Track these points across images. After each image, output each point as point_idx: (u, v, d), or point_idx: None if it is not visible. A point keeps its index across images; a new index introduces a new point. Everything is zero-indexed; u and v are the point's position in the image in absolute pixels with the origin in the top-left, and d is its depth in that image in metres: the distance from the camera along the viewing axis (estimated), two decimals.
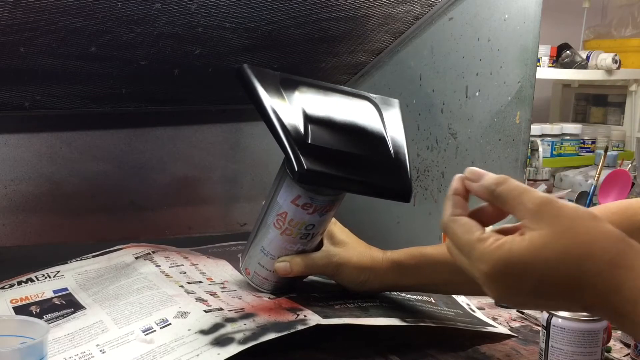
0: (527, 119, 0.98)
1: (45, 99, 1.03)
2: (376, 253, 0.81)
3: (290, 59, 1.09)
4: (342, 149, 0.74)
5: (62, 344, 0.67)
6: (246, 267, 0.82)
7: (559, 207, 0.49)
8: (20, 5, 0.77)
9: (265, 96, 0.73)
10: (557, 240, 0.47)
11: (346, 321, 0.72)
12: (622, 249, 0.47)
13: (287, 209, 0.75)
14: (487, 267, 0.49)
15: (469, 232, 0.51)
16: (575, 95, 3.12)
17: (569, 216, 0.48)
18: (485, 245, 0.49)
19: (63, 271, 0.85)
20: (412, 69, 1.12)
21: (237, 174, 1.32)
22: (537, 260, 0.47)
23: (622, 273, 0.47)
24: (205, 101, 1.21)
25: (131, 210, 1.22)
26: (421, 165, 1.12)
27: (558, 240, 0.47)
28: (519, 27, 0.97)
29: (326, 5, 0.95)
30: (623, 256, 0.47)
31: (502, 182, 0.51)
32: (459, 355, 0.77)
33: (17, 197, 1.13)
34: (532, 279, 0.48)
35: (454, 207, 0.54)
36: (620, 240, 0.48)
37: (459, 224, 0.52)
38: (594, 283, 0.47)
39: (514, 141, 0.99)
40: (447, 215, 0.54)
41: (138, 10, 0.84)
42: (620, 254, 0.47)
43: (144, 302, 0.73)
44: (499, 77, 1.00)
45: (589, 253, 0.47)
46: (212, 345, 0.65)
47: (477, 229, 0.51)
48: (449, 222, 0.53)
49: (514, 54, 0.98)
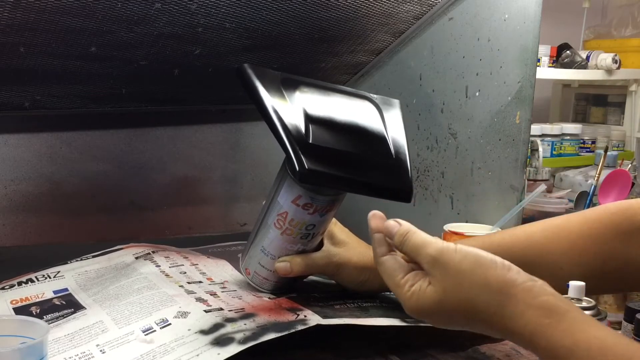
0: (527, 119, 0.98)
1: (45, 99, 1.03)
2: None
3: (290, 59, 1.09)
4: (343, 149, 0.74)
5: (62, 344, 0.67)
6: (246, 267, 0.82)
7: (444, 264, 0.57)
8: (20, 5, 0.77)
9: (266, 96, 0.73)
10: (449, 297, 0.57)
11: (346, 321, 0.72)
12: (501, 301, 0.55)
13: (288, 209, 0.75)
14: (407, 310, 0.60)
15: (390, 277, 0.61)
16: (575, 95, 3.12)
17: (454, 273, 0.57)
18: (402, 293, 0.59)
19: (63, 271, 0.85)
20: (412, 69, 1.12)
21: (237, 174, 1.32)
22: (440, 310, 0.58)
23: (507, 322, 0.55)
24: (205, 101, 1.21)
25: (131, 210, 1.22)
26: (421, 165, 1.12)
27: (450, 297, 0.57)
28: (519, 27, 0.97)
29: (326, 5, 0.95)
30: (503, 307, 0.55)
31: (402, 241, 0.61)
32: (459, 355, 0.77)
33: (17, 197, 1.13)
34: (442, 320, 0.59)
35: (378, 247, 0.63)
36: (498, 292, 0.55)
37: (384, 268, 0.62)
38: (490, 327, 0.56)
39: (514, 141, 0.99)
40: (375, 257, 0.63)
41: (138, 10, 0.84)
42: (501, 305, 0.55)
43: (144, 302, 0.73)
44: (499, 77, 1.00)
45: (475, 309, 0.56)
46: (212, 345, 0.65)
47: (398, 273, 0.60)
48: (377, 264, 0.63)
49: (514, 54, 0.98)
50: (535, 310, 0.54)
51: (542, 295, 0.54)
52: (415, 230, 0.61)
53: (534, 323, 0.53)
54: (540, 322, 0.53)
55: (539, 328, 0.53)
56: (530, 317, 0.54)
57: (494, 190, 1.02)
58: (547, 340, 0.53)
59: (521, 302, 0.54)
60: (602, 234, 0.72)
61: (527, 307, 0.54)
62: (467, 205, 1.06)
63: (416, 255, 0.59)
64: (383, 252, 0.62)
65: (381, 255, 0.62)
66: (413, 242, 0.60)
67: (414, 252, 0.60)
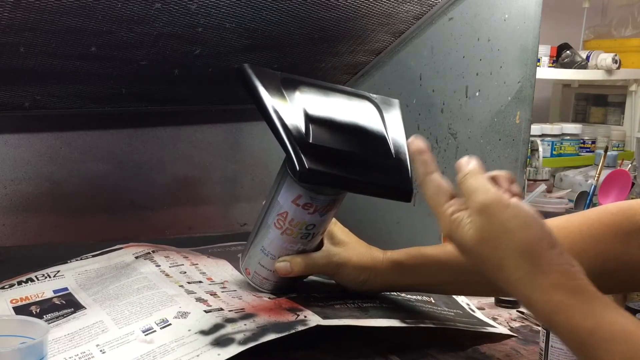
0: (527, 119, 0.98)
1: (45, 99, 1.03)
2: (376, 253, 0.81)
3: (290, 59, 1.09)
4: (343, 149, 0.74)
5: (62, 344, 0.67)
6: (246, 267, 0.82)
7: (490, 216, 0.57)
8: (20, 5, 0.77)
9: (267, 96, 0.73)
10: (483, 246, 0.57)
11: (346, 322, 0.72)
12: (531, 271, 0.55)
13: (288, 208, 0.75)
14: (442, 230, 0.60)
15: (434, 196, 0.61)
16: (575, 95, 3.12)
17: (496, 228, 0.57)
18: (442, 214, 0.60)
19: (63, 271, 0.85)
20: (412, 69, 1.12)
21: (237, 174, 1.32)
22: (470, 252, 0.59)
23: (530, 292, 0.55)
24: (205, 101, 1.21)
25: (131, 210, 1.22)
26: None
27: (483, 247, 0.57)
28: (519, 27, 0.97)
29: (326, 5, 0.95)
30: (531, 278, 0.55)
31: (462, 180, 0.60)
32: (459, 355, 0.77)
33: (17, 197, 1.13)
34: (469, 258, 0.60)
35: (422, 166, 0.62)
36: (531, 263, 0.55)
37: (429, 186, 0.61)
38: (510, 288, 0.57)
39: (514, 141, 0.99)
40: (419, 175, 0.62)
41: (138, 10, 0.84)
42: (529, 275, 0.55)
43: (144, 302, 0.73)
44: (499, 77, 1.00)
45: (503, 268, 0.56)
46: (212, 345, 0.65)
47: (443, 195, 0.60)
48: (421, 183, 0.62)
49: (514, 54, 0.98)
50: (563, 290, 0.54)
51: (574, 279, 0.54)
52: (477, 172, 0.60)
53: (557, 301, 0.54)
54: (565, 302, 0.53)
55: (561, 307, 0.53)
56: (555, 295, 0.54)
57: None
58: (568, 319, 0.53)
59: (551, 280, 0.54)
60: (602, 234, 0.72)
61: (555, 285, 0.54)
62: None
63: (468, 196, 0.59)
64: (428, 170, 0.62)
65: (426, 173, 0.62)
66: (469, 184, 0.59)
67: (467, 192, 0.59)
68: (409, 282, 0.80)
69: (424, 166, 0.62)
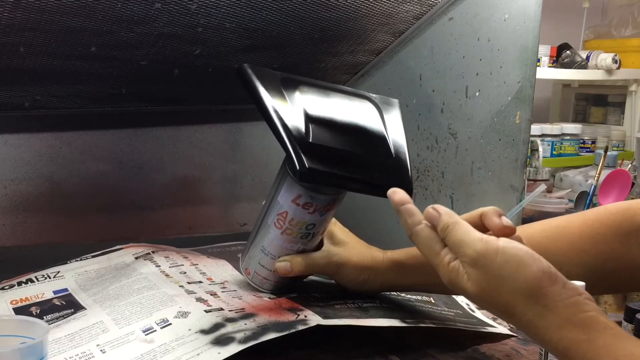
0: (527, 119, 0.98)
1: (45, 99, 1.03)
2: (376, 253, 0.81)
3: (290, 59, 1.09)
4: (343, 148, 0.74)
5: (62, 344, 0.67)
6: (246, 267, 0.82)
7: (484, 267, 0.56)
8: (20, 5, 0.77)
9: (267, 95, 0.73)
10: (487, 295, 0.57)
11: (346, 322, 0.72)
12: (539, 312, 0.55)
13: (288, 208, 0.75)
14: (444, 280, 0.59)
15: (427, 247, 0.60)
16: (575, 95, 3.11)
17: (494, 278, 0.56)
18: (440, 264, 0.59)
19: (63, 271, 0.85)
20: (412, 69, 1.12)
21: (237, 174, 1.32)
22: (476, 300, 0.59)
23: (542, 332, 0.55)
24: (205, 101, 1.21)
25: (131, 210, 1.22)
26: (421, 165, 1.12)
27: (487, 296, 0.57)
28: (519, 27, 0.97)
29: (326, 5, 0.95)
30: (540, 318, 0.55)
31: (445, 235, 0.59)
32: (459, 355, 0.77)
33: (17, 197, 1.13)
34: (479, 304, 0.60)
35: (409, 217, 0.62)
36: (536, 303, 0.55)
37: (419, 238, 0.61)
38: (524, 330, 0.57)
39: (514, 141, 0.99)
40: (407, 228, 0.61)
41: (138, 10, 0.84)
42: (538, 316, 0.55)
43: (144, 302, 0.73)
44: (499, 77, 1.00)
45: (511, 312, 0.56)
46: (212, 344, 0.65)
47: (435, 244, 0.60)
48: (410, 235, 0.62)
49: (514, 54, 0.98)
50: (573, 326, 0.53)
51: (583, 312, 0.54)
52: (455, 223, 0.59)
53: (569, 338, 0.53)
54: (577, 338, 0.53)
55: (574, 344, 0.53)
56: (567, 333, 0.53)
57: (494, 190, 1.02)
58: (582, 356, 0.53)
59: (560, 317, 0.54)
60: (602, 234, 0.72)
61: (565, 322, 0.54)
62: (467, 205, 1.06)
63: (456, 252, 0.58)
64: (415, 221, 0.61)
65: (414, 225, 0.61)
66: (454, 238, 0.58)
67: (454, 248, 0.58)
68: (409, 282, 0.80)
69: (410, 217, 0.61)
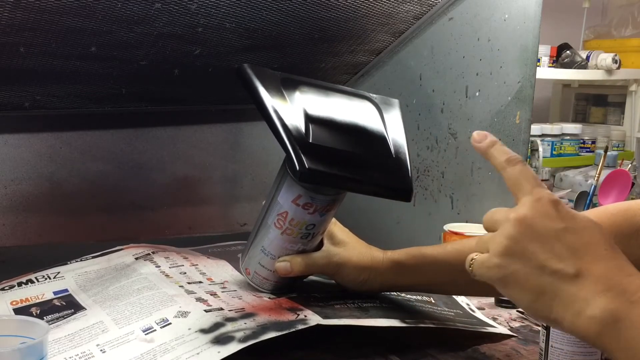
0: (527, 119, 0.98)
1: (45, 99, 1.03)
2: (376, 253, 0.81)
3: (290, 59, 1.09)
4: (343, 149, 0.74)
5: (62, 345, 0.67)
6: (246, 267, 0.82)
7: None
8: (20, 5, 0.77)
9: (267, 96, 0.73)
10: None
11: (346, 322, 0.72)
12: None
13: (288, 208, 0.75)
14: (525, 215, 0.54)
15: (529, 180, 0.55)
16: (575, 95, 3.12)
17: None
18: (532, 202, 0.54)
19: (63, 272, 0.85)
20: (412, 69, 1.12)
21: (237, 174, 1.32)
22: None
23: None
24: (205, 101, 1.21)
25: (131, 210, 1.22)
26: (421, 165, 1.12)
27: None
28: (519, 27, 0.97)
29: (326, 5, 0.95)
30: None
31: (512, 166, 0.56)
32: (459, 355, 0.77)
33: (17, 197, 1.13)
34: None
35: (503, 155, 0.57)
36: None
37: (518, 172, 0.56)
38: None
39: (514, 141, 0.99)
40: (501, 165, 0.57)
41: (138, 10, 0.84)
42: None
43: (144, 303, 0.73)
44: (499, 77, 1.00)
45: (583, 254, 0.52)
46: (212, 343, 0.65)
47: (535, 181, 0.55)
48: (507, 172, 0.56)
49: (514, 54, 0.98)
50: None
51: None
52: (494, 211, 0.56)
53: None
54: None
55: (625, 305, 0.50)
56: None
57: (494, 190, 1.02)
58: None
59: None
60: None
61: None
62: (467, 205, 1.06)
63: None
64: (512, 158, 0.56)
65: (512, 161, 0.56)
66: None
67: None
68: (409, 282, 0.80)
69: (503, 155, 0.57)
